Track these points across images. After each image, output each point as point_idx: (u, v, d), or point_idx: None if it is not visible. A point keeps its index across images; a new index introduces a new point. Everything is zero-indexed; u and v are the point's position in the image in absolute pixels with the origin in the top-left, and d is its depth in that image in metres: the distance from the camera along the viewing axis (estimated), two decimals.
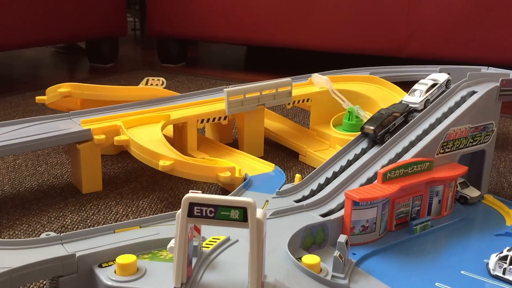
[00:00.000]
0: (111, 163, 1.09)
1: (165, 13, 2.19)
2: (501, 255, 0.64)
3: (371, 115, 1.12)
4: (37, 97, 1.14)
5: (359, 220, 0.69)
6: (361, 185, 0.74)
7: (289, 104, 1.16)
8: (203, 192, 0.51)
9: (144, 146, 0.87)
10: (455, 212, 0.81)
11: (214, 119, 1.07)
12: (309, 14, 1.95)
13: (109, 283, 0.53)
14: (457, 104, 0.84)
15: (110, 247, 0.58)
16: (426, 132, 0.81)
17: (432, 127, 0.81)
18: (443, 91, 0.87)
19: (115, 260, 0.54)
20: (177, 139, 1.06)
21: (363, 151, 0.83)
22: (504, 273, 0.63)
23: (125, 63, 2.40)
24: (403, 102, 0.87)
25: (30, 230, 0.81)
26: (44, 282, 0.66)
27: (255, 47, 2.71)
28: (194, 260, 0.54)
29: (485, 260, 0.66)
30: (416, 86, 0.88)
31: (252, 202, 0.47)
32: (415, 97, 0.86)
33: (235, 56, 2.78)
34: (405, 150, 0.79)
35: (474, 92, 0.85)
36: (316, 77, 1.22)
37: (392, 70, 1.39)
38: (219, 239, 0.60)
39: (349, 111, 1.12)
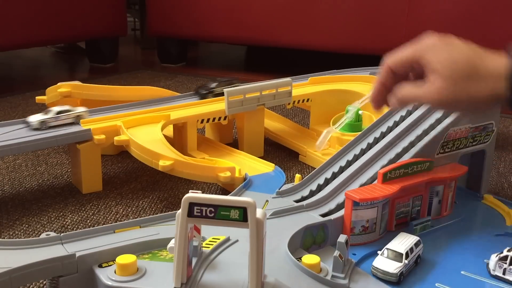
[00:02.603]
0: (111, 163, 1.09)
1: (165, 13, 2.19)
2: (501, 255, 0.64)
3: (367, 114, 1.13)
4: (37, 97, 1.13)
5: (359, 220, 0.69)
6: (361, 185, 0.74)
7: (289, 104, 1.16)
8: (203, 192, 0.51)
9: (144, 146, 0.87)
10: (455, 212, 0.81)
11: (214, 119, 1.07)
12: (309, 14, 1.95)
13: (109, 283, 0.53)
14: None
15: (110, 247, 0.58)
16: (426, 132, 0.81)
17: (432, 127, 0.81)
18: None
19: (115, 260, 0.54)
20: (177, 139, 1.06)
21: (363, 151, 0.83)
22: (504, 273, 0.63)
23: (125, 63, 2.40)
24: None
25: (30, 230, 0.81)
26: (44, 282, 0.66)
27: (255, 47, 2.71)
28: (194, 260, 0.54)
29: (485, 260, 0.66)
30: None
31: (252, 202, 0.47)
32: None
33: (235, 56, 2.78)
34: (405, 150, 0.79)
35: None
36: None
37: None
38: (219, 239, 0.60)
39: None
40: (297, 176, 0.81)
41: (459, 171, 0.79)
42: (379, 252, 0.64)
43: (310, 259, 0.58)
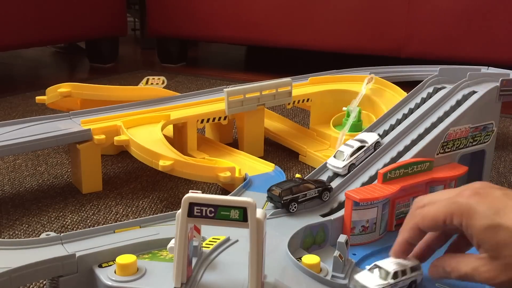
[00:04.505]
0: (111, 163, 1.09)
1: (165, 13, 2.19)
2: None
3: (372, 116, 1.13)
4: (37, 97, 1.14)
5: (359, 220, 0.69)
6: (363, 184, 0.74)
7: (289, 104, 1.16)
8: (203, 192, 0.51)
9: (144, 146, 0.87)
10: None
11: (214, 119, 1.07)
12: (309, 14, 1.95)
13: (109, 283, 0.53)
14: (458, 104, 0.84)
15: (110, 247, 0.58)
16: (428, 131, 0.81)
17: (434, 126, 0.81)
18: (371, 153, 0.80)
19: (115, 260, 0.54)
20: (177, 139, 1.06)
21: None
22: None
23: (125, 63, 2.40)
24: (327, 163, 0.80)
25: (30, 230, 0.81)
26: (44, 282, 0.66)
27: (255, 47, 2.71)
28: (194, 260, 0.54)
29: None
30: (342, 148, 0.80)
31: (252, 202, 0.47)
32: (339, 161, 0.79)
33: (235, 56, 2.78)
34: (407, 148, 0.79)
35: (474, 92, 0.85)
36: None
37: (392, 70, 1.39)
38: (219, 239, 0.60)
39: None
40: (297, 176, 0.81)
41: (459, 171, 0.79)
42: (367, 267, 0.59)
43: (310, 259, 0.58)
